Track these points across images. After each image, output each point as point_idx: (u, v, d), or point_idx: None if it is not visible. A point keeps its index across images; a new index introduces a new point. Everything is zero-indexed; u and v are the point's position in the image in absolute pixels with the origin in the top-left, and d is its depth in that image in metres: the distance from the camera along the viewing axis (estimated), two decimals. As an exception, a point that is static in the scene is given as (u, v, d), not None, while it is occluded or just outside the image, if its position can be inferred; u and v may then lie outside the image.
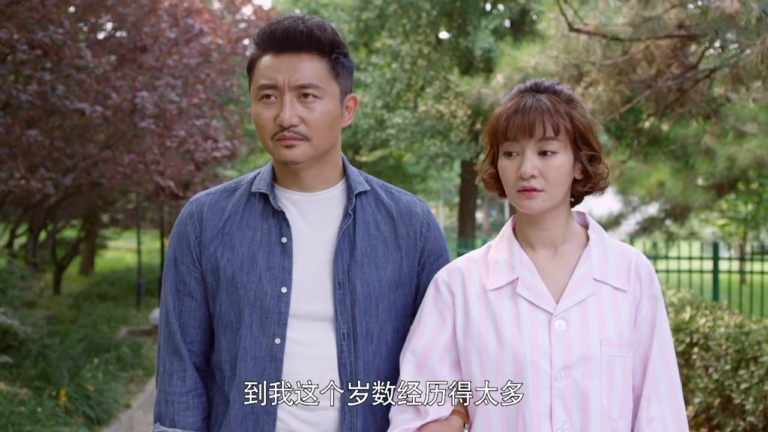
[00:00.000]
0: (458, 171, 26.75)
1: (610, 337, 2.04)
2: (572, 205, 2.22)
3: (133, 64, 7.79)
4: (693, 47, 6.55)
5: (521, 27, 18.05)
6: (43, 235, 12.59)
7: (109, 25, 8.50)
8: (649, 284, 2.13)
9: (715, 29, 5.27)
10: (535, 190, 2.04)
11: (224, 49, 10.00)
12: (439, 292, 2.20)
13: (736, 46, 5.79)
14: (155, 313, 12.00)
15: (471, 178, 21.73)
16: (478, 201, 52.47)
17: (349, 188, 2.25)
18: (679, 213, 11.65)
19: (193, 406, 2.22)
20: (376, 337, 2.20)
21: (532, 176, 2.03)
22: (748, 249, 22.49)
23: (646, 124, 7.83)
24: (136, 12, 7.60)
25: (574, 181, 2.14)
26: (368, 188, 2.29)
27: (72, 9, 7.35)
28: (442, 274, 2.22)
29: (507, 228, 2.23)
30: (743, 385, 5.45)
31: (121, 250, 31.57)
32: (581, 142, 2.08)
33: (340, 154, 2.29)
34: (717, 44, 5.94)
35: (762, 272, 11.50)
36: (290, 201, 2.23)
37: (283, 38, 2.09)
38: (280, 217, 2.20)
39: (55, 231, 10.87)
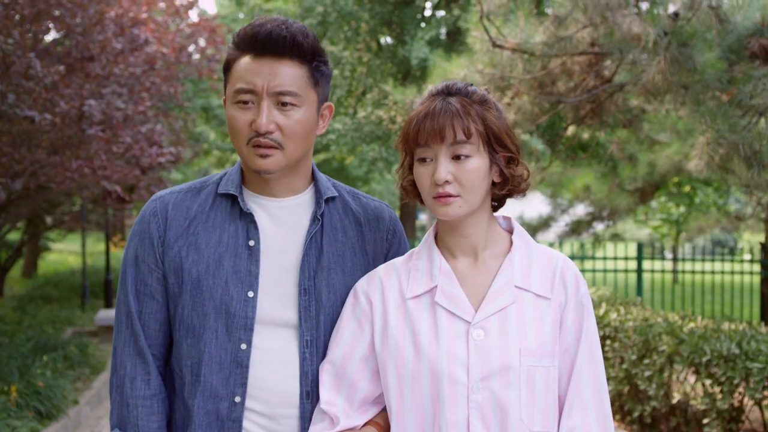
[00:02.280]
0: (400, 174, 27.21)
1: (530, 347, 1.96)
2: (495, 209, 2.14)
3: (81, 72, 8.06)
4: (608, 62, 7.09)
5: (458, 37, 18.61)
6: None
7: (54, 32, 8.76)
8: (576, 291, 2.05)
9: (620, 49, 5.81)
10: (450, 195, 1.96)
11: (169, 58, 10.30)
12: (357, 301, 2.13)
13: (644, 62, 6.32)
14: (101, 314, 12.18)
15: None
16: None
17: (318, 193, 2.21)
18: (606, 216, 12.28)
19: (157, 410, 2.14)
20: None
21: (447, 182, 1.96)
22: (686, 249, 23.41)
23: (568, 132, 8.37)
24: (84, 22, 7.88)
25: (493, 184, 2.06)
26: (336, 194, 2.24)
27: (18, 17, 7.61)
28: (361, 283, 2.15)
29: (429, 235, 2.16)
30: (647, 373, 5.98)
31: (64, 253, 31.36)
32: (496, 143, 2.00)
33: (310, 163, 2.24)
34: (628, 59, 6.45)
35: (693, 272, 12.20)
36: (258, 204, 2.18)
37: (266, 42, 2.03)
38: (248, 219, 2.15)
39: (2, 234, 11.03)
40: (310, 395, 2.10)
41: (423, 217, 54.22)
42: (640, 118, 8.29)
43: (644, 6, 6.51)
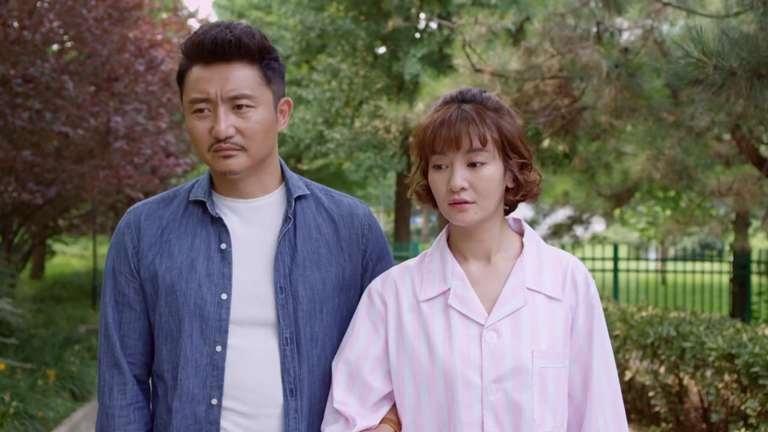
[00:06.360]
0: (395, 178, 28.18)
1: (542, 349, 1.97)
2: (506, 212, 2.14)
3: (107, 91, 8.99)
4: (576, 83, 8.04)
5: (447, 54, 19.61)
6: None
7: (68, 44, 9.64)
8: (586, 292, 2.06)
9: (581, 77, 6.75)
10: (466, 202, 1.97)
11: (182, 75, 11.16)
12: (372, 303, 2.13)
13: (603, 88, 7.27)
14: (115, 312, 12.97)
15: (405, 188, 23.26)
16: (418, 207, 53.95)
17: (288, 192, 2.20)
18: (585, 219, 13.20)
19: (134, 420, 2.17)
20: (321, 341, 2.15)
21: (462, 189, 1.96)
22: (672, 252, 24.28)
23: (545, 144, 9.31)
24: (109, 47, 8.78)
25: (506, 189, 2.06)
26: (308, 192, 2.24)
27: (56, 46, 8.55)
28: (376, 284, 2.16)
29: (441, 238, 2.16)
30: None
31: (68, 256, 32.07)
32: (510, 150, 2.00)
33: (277, 161, 2.24)
34: (591, 84, 7.38)
35: (666, 271, 13.09)
36: (229, 208, 2.19)
37: (212, 48, 2.02)
38: (218, 223, 2.16)
39: (24, 238, 11.94)
40: (294, 392, 2.11)
41: (419, 221, 55.01)
42: (609, 132, 9.22)
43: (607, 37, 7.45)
